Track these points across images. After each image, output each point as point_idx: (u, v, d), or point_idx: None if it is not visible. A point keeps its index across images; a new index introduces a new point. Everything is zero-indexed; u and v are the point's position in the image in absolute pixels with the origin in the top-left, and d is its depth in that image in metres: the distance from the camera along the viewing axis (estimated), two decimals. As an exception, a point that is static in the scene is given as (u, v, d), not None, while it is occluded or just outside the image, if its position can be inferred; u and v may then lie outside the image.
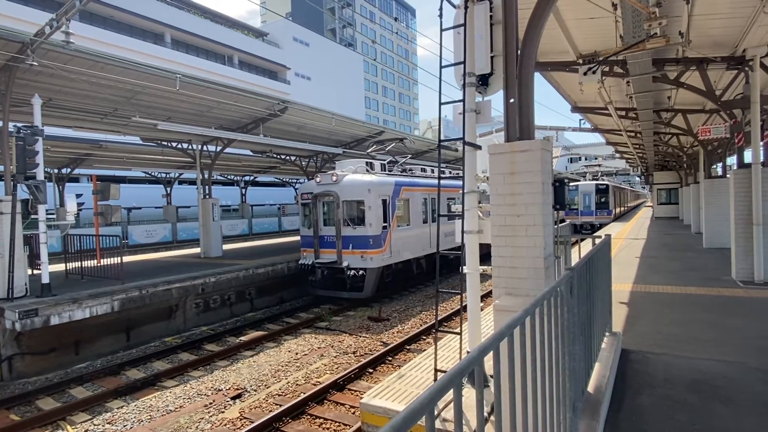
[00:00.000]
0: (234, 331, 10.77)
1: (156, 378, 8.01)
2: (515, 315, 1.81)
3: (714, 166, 15.97)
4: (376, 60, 76.27)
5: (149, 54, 36.15)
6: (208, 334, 10.67)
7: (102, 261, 11.73)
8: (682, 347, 5.32)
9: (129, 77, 10.53)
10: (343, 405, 6.77)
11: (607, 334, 4.80)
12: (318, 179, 13.07)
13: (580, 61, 8.56)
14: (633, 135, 17.96)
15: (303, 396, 6.79)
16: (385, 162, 15.30)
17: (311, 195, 13.10)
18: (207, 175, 17.21)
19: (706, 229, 14.27)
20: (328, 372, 8.04)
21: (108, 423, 6.51)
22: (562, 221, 7.73)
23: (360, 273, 12.20)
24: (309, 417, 6.46)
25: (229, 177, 29.92)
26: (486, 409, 3.81)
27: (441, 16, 5.41)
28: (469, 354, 1.40)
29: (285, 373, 8.06)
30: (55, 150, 16.45)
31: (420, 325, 10.59)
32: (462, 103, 4.91)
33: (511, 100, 4.10)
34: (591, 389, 3.47)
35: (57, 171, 20.17)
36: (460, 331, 5.15)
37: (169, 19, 42.81)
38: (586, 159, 56.06)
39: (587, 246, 7.96)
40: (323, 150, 18.81)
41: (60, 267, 12.69)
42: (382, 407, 4.88)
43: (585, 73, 8.39)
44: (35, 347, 8.49)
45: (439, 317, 9.73)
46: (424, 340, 9.58)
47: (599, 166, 41.51)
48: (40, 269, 9.76)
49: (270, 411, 6.52)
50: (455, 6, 5.12)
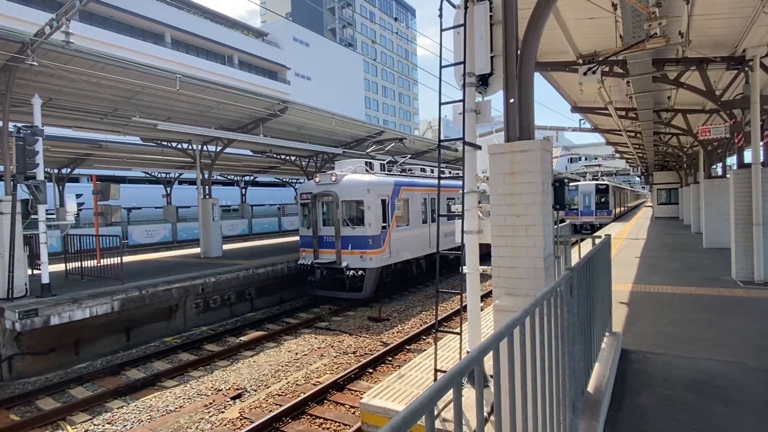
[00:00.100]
0: (234, 331, 10.77)
1: (156, 378, 8.01)
2: (515, 315, 1.81)
3: (714, 166, 15.96)
4: (376, 60, 76.27)
5: (149, 54, 36.14)
6: (208, 334, 10.67)
7: (102, 261, 11.73)
8: (682, 347, 5.32)
9: (129, 77, 10.53)
10: (343, 405, 6.77)
11: (607, 334, 4.80)
12: (317, 179, 13.05)
13: (580, 61, 8.56)
14: (633, 135, 17.96)
15: (303, 396, 6.79)
16: (385, 162, 15.29)
17: (310, 195, 13.09)
18: (207, 175, 17.22)
19: (706, 229, 14.28)
20: (328, 372, 8.04)
21: (108, 423, 6.51)
22: (562, 221, 7.74)
23: (359, 273, 12.19)
24: (309, 417, 6.46)
25: (229, 177, 29.90)
26: (486, 409, 3.81)
27: (441, 16, 5.41)
28: (469, 354, 1.40)
29: (285, 373, 8.06)
30: (55, 150, 16.45)
31: (420, 325, 10.59)
32: (462, 103, 4.91)
33: (511, 100, 4.10)
34: (591, 389, 3.48)
35: (57, 171, 20.17)
36: (460, 331, 5.14)
37: (169, 19, 42.81)
38: (586, 159, 56.10)
39: (587, 246, 7.96)
40: (323, 150, 18.82)
41: (60, 267, 12.69)
42: (382, 407, 4.88)
43: (585, 73, 8.40)
44: (35, 347, 8.50)
45: (439, 317, 9.72)
46: (424, 340, 9.58)
47: (599, 166, 41.55)
48: (40, 269, 9.76)
49: (270, 411, 6.52)
50: (455, 6, 5.12)
